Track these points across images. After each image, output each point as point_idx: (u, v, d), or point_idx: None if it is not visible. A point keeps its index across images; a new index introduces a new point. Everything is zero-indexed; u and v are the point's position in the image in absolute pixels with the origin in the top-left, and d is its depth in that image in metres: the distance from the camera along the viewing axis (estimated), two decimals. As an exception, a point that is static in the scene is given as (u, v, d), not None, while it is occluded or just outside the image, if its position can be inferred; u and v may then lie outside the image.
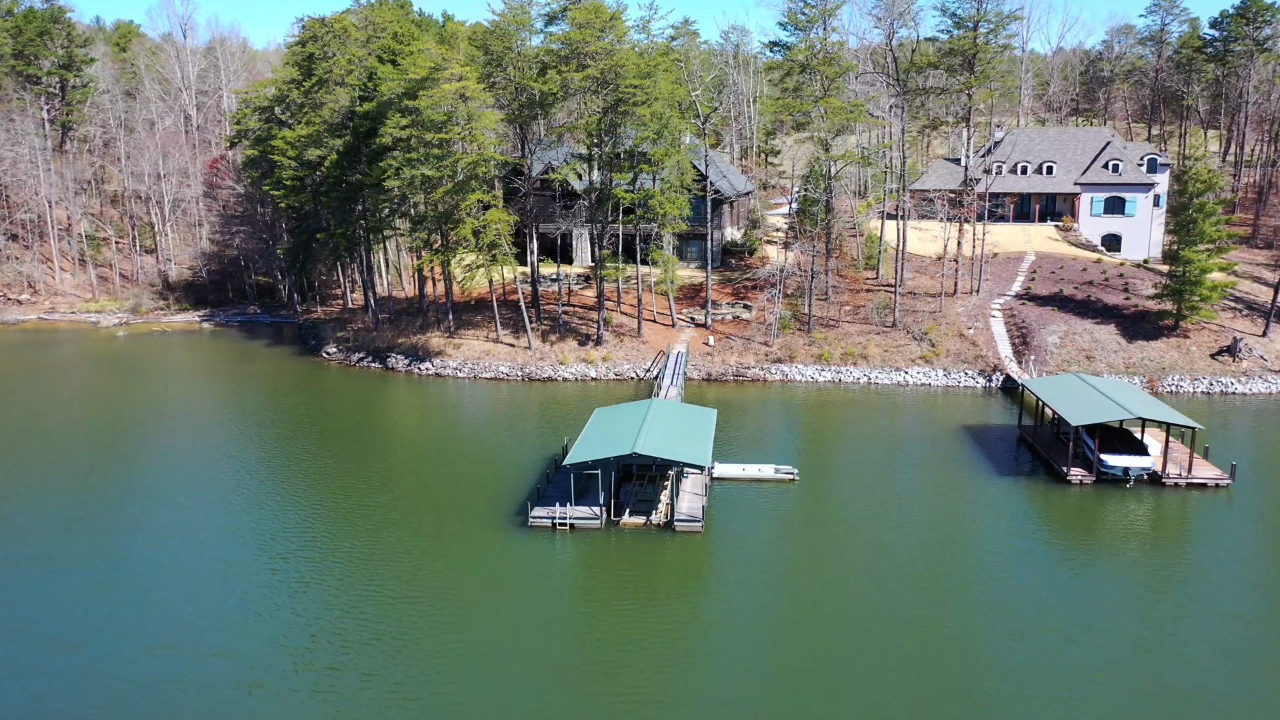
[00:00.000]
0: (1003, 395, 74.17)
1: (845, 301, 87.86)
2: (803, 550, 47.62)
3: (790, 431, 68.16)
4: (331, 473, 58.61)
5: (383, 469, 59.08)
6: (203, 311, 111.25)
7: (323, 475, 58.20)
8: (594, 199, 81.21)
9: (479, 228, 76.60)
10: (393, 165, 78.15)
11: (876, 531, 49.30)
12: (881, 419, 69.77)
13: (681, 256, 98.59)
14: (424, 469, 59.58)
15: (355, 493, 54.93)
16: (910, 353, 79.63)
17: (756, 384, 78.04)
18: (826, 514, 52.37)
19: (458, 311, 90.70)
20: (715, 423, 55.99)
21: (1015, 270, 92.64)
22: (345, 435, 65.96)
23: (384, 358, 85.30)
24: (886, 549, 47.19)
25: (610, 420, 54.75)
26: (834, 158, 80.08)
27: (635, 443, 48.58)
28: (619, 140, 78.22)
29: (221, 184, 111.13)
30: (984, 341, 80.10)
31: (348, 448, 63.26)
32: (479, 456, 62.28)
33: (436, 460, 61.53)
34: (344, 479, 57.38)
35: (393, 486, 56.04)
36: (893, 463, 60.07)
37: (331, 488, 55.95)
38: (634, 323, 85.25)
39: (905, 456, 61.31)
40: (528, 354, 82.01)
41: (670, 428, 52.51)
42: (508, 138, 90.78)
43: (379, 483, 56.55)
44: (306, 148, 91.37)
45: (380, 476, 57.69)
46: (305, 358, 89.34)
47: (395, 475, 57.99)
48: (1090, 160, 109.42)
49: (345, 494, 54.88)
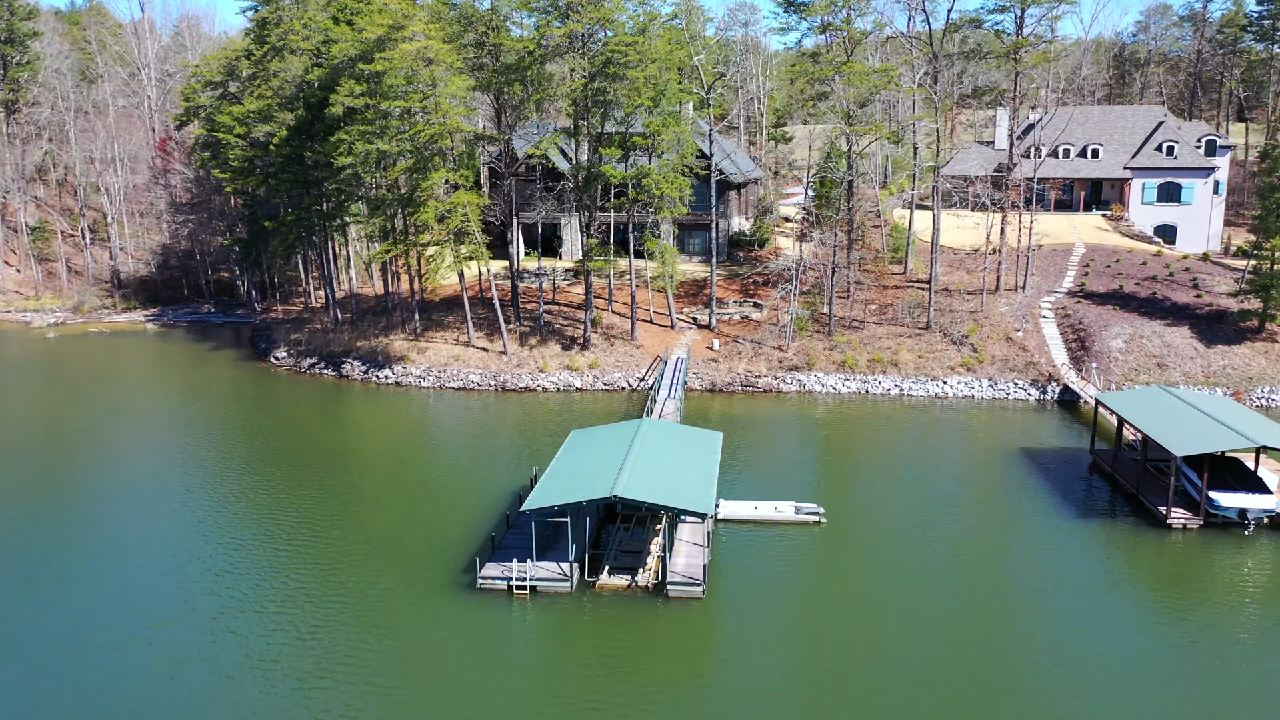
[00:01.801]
0: (1060, 410, 62.67)
1: (870, 299, 76.40)
2: (834, 621, 36.17)
3: (812, 457, 56.70)
4: (245, 512, 47.33)
5: (308, 507, 47.77)
6: (152, 310, 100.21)
7: (234, 515, 46.92)
8: (580, 180, 69.86)
9: (444, 212, 65.27)
10: (346, 140, 66.86)
11: (929, 594, 37.87)
12: (920, 439, 58.30)
13: (683, 249, 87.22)
14: (358, 508, 48.22)
15: (267, 538, 43.63)
16: (949, 359, 68.15)
17: (769, 396, 66.63)
18: (864, 569, 40.90)
19: (427, 311, 79.46)
20: (721, 450, 44.61)
21: (1064, 264, 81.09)
22: (272, 463, 54.66)
23: (338, 364, 74.03)
24: (943, 618, 35.76)
25: (588, 447, 43.37)
26: (858, 131, 68.58)
27: (616, 481, 37.26)
28: (609, 110, 66.91)
29: (170, 168, 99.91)
30: (1035, 346, 68.58)
31: (271, 480, 51.96)
32: (431, 489, 50.93)
33: (376, 495, 50.19)
34: (259, 519, 46.11)
35: (319, 532, 44.71)
36: (940, 497, 48.61)
37: (240, 531, 44.67)
38: (627, 324, 73.93)
39: (954, 489, 49.86)
40: (503, 360, 70.70)
41: (664, 458, 41.15)
42: (482, 110, 79.47)
43: (302, 525, 45.27)
44: (256, 124, 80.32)
45: (305, 516, 46.39)
46: (250, 363, 78.10)
47: (323, 516, 46.65)
48: (1141, 142, 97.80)
49: (255, 539, 43.59)
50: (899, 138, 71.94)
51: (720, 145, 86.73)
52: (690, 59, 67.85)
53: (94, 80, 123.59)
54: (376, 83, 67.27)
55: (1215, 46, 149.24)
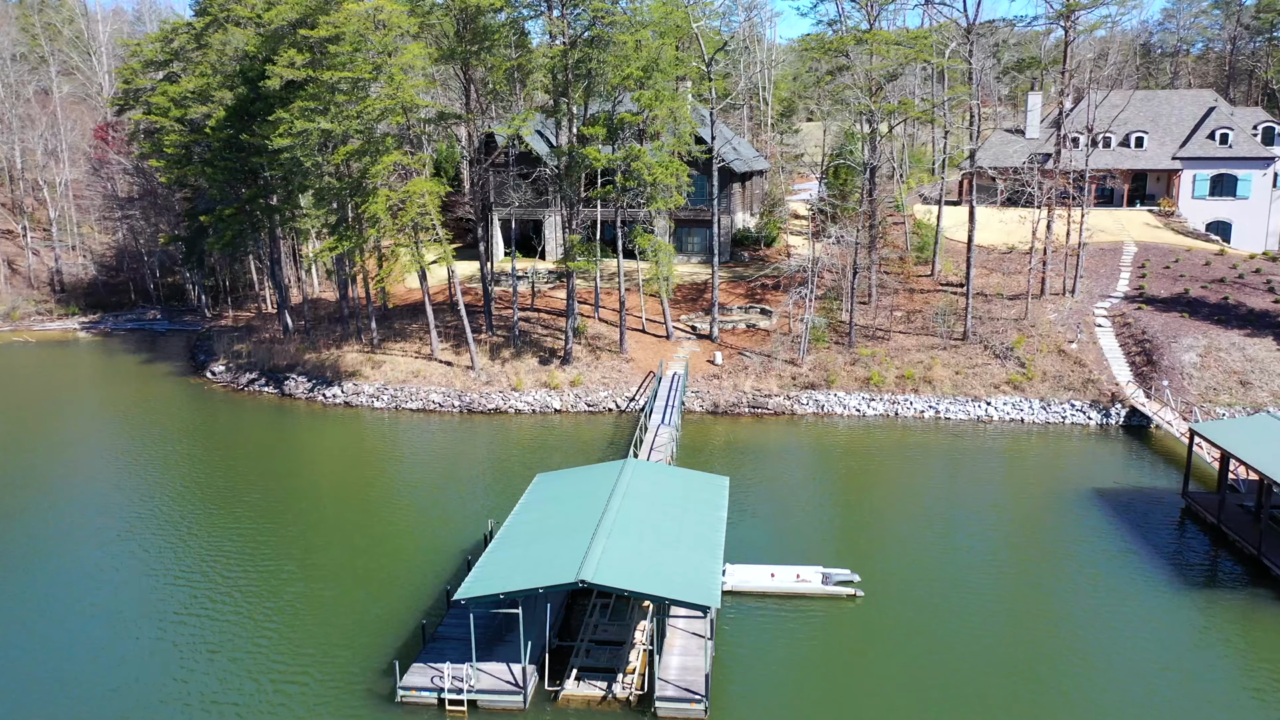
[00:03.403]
0: (1128, 437, 52.69)
1: (896, 305, 66.35)
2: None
3: (837, 499, 46.62)
4: (127, 580, 37.30)
5: (211, 569, 37.74)
6: (91, 317, 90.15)
7: (112, 583, 36.87)
8: (561, 165, 59.89)
9: (397, 203, 55.24)
10: (285, 119, 56.86)
11: (999, 695, 27.83)
12: (966, 475, 48.27)
13: (680, 247, 77.27)
14: (271, 577, 38.16)
15: (148, 619, 33.62)
16: (992, 375, 58.13)
17: (780, 419, 56.62)
18: (917, 663, 30.79)
19: (387, 319, 69.47)
20: (727, 501, 34.53)
21: (1115, 264, 71.07)
22: (175, 508, 44.62)
23: (281, 380, 63.95)
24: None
25: (555, 502, 33.28)
26: (886, 109, 58.55)
27: (587, 557, 27.25)
28: (593, 84, 56.97)
29: (107, 158, 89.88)
30: (1093, 360, 58.55)
31: (166, 533, 41.91)
32: (365, 548, 40.80)
33: (298, 556, 40.02)
34: (143, 587, 36.09)
35: (210, 607, 34.70)
36: (1001, 557, 38.58)
37: (117, 602, 34.64)
38: (615, 333, 63.92)
39: (1016, 543, 39.80)
40: (470, 376, 60.63)
41: (652, 519, 31.09)
42: (452, 87, 69.48)
43: (196, 599, 35.25)
44: (193, 105, 70.38)
45: (205, 585, 36.37)
46: (183, 379, 68.00)
47: (228, 586, 36.61)
48: (1190, 130, 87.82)
49: (133, 617, 33.58)
50: (932, 116, 61.86)
51: (722, 132, 76.87)
52: (689, 23, 57.84)
53: (36, 66, 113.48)
54: (322, 52, 57.39)
55: (1251, 34, 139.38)
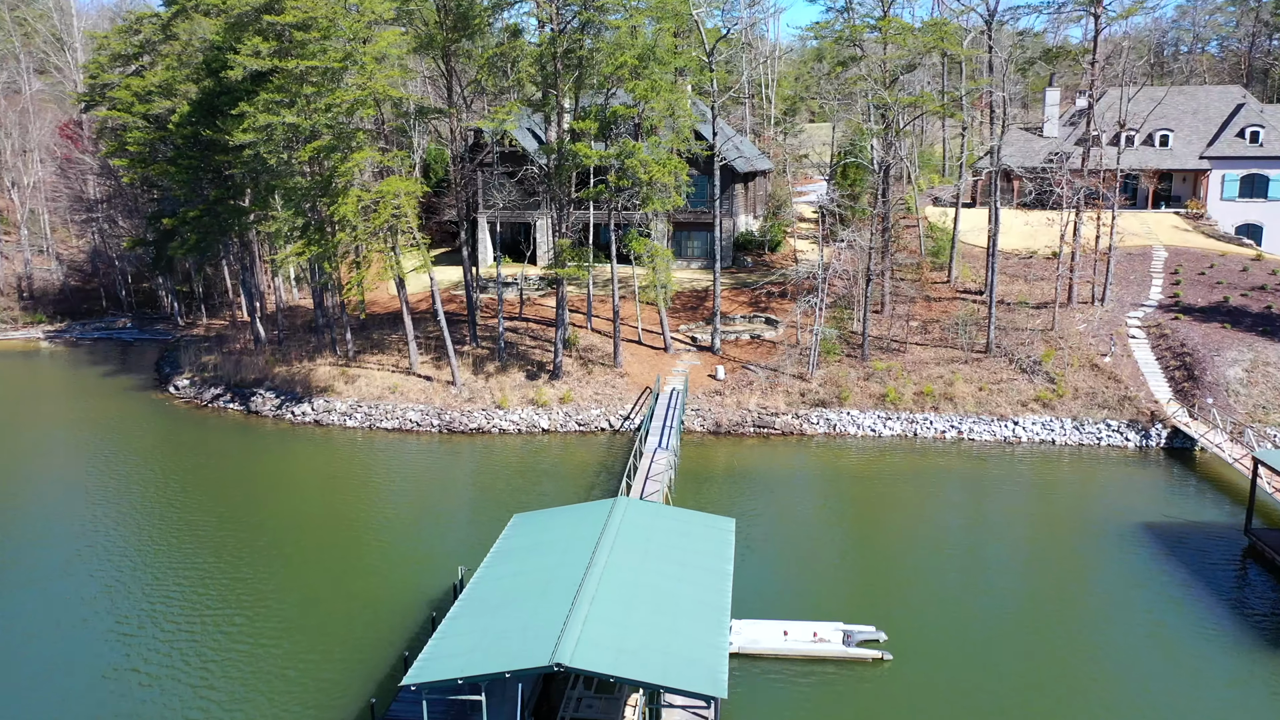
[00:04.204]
0: (1170, 461, 47.93)
1: (912, 315, 61.57)
2: None
3: (854, 536, 41.79)
4: (54, 633, 32.49)
5: (148, 621, 32.96)
6: (58, 325, 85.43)
7: (44, 634, 32.07)
8: (551, 163, 55.18)
9: (368, 204, 50.45)
10: (249, 112, 52.10)
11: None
12: (995, 505, 43.47)
13: (679, 252, 72.55)
14: (216, 630, 33.37)
15: (75, 676, 28.81)
16: (1018, 392, 53.36)
17: (789, 440, 51.85)
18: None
19: (365, 329, 64.72)
20: (733, 550, 29.69)
21: (1145, 270, 66.30)
22: (117, 544, 39.83)
23: (247, 396, 59.18)
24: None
25: (531, 554, 28.42)
26: (903, 102, 53.84)
27: (564, 633, 22.44)
28: (584, 74, 52.24)
29: (72, 157, 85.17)
30: (1128, 376, 53.77)
31: (108, 572, 37.14)
32: (319, 602, 35.97)
33: (248, 607, 35.26)
34: (74, 646, 31.29)
35: (145, 667, 29.91)
36: (1048, 604, 33.77)
37: (50, 665, 29.85)
38: (609, 345, 59.18)
39: (1063, 587, 34.99)
40: (450, 393, 55.87)
41: (646, 577, 26.25)
42: (435, 81, 64.76)
43: (134, 649, 30.45)
44: (157, 99, 65.76)
45: (138, 637, 31.58)
46: (145, 393, 63.23)
47: (164, 637, 31.84)
48: (1218, 128, 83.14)
49: (62, 678, 28.77)
50: (951, 111, 57.13)
51: (723, 129, 72.21)
52: (688, 6, 53.08)
53: (2, 57, 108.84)
54: (290, 40, 52.71)
55: (1270, 30, 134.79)
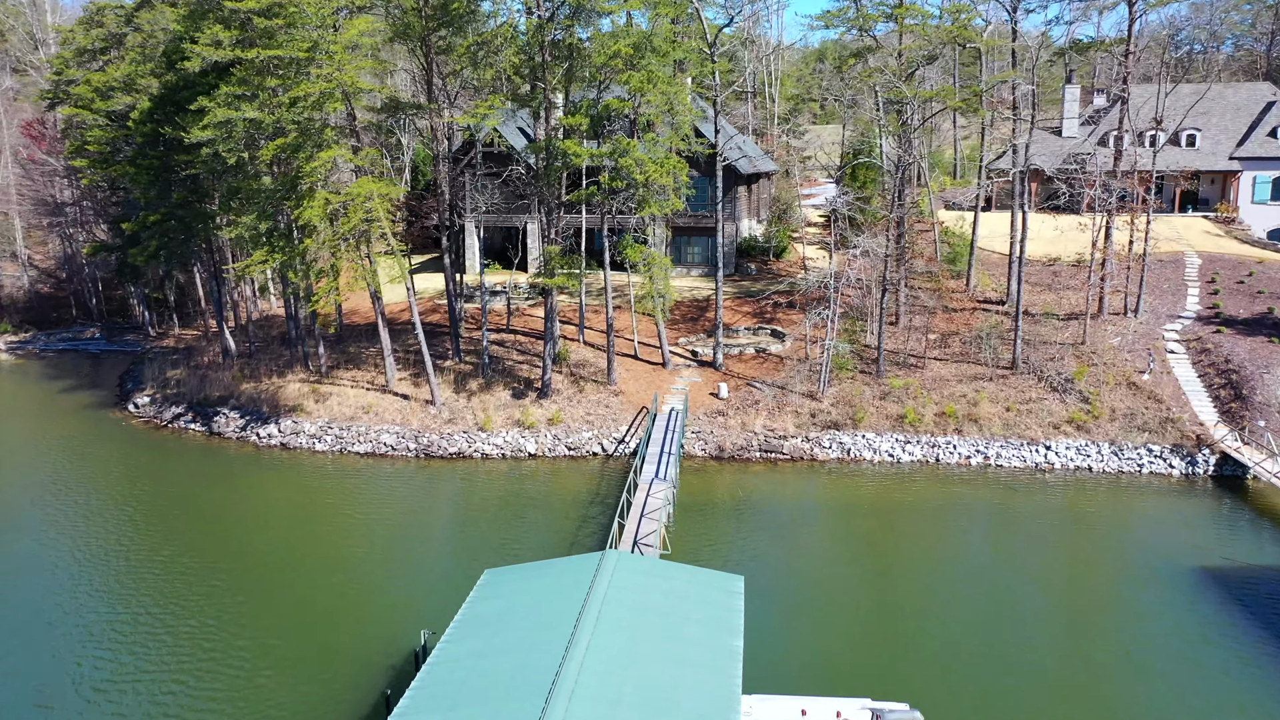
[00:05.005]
0: (1220, 491, 43.37)
1: (929, 327, 57.01)
2: None
3: (877, 590, 37.12)
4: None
5: (73, 691, 28.38)
6: (23, 335, 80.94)
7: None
8: (539, 162, 50.68)
9: (337, 207, 45.89)
10: (210, 107, 47.58)
11: None
12: (1032, 544, 38.87)
13: (679, 259, 68.07)
14: (151, 704, 28.78)
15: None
16: (1049, 413, 48.77)
17: (798, 466, 47.30)
18: None
19: (342, 341, 60.23)
20: (742, 616, 25.08)
21: (1179, 279, 61.75)
22: (50, 590, 35.25)
23: (210, 415, 54.64)
24: None
25: (502, 623, 23.80)
26: (923, 97, 49.31)
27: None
28: (575, 64, 47.75)
29: (35, 158, 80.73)
30: (1170, 395, 49.21)
31: (34, 627, 32.55)
32: (263, 670, 31.41)
33: (187, 674, 30.64)
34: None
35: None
36: (1105, 668, 29.21)
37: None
38: (603, 360, 54.65)
39: (1120, 645, 30.41)
40: (429, 413, 51.33)
41: (636, 659, 21.63)
42: (413, 74, 60.29)
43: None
44: (119, 94, 61.38)
45: (57, 717, 27.02)
46: (102, 412, 58.70)
47: (89, 711, 27.26)
48: (1248, 126, 78.70)
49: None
50: (975, 106, 52.60)
51: (725, 128, 67.77)
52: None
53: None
54: (253, 28, 48.23)
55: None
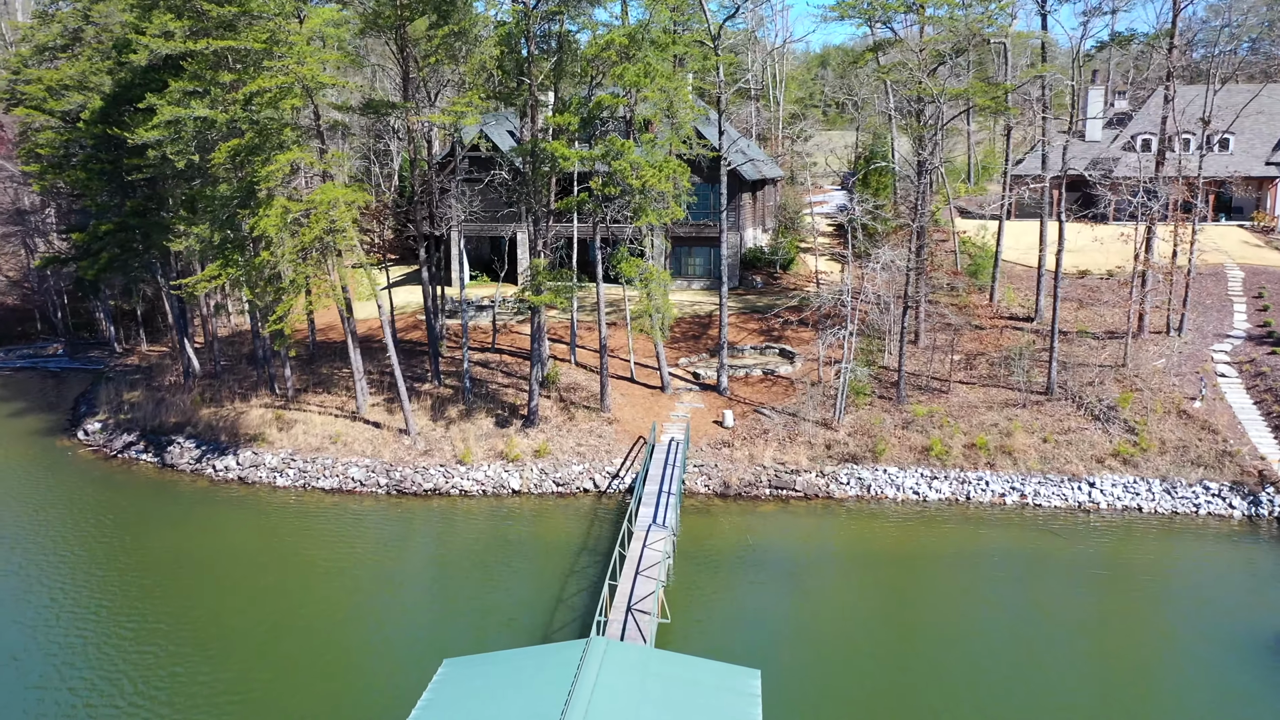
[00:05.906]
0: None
1: (955, 346, 52.10)
2: None
3: (908, 664, 32.19)
4: None
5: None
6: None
7: None
8: (526, 164, 45.87)
9: (298, 216, 40.98)
10: (158, 104, 42.74)
11: None
12: (1083, 602, 33.88)
13: (679, 270, 63.31)
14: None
15: None
16: (1092, 445, 43.86)
17: (813, 505, 42.33)
18: None
19: (313, 360, 55.39)
20: None
21: (1223, 293, 56.96)
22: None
23: (165, 444, 49.68)
24: None
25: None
26: (948, 94, 44.52)
27: None
28: (564, 58, 42.97)
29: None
30: (1225, 424, 44.30)
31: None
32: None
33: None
34: None
35: None
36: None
37: None
38: (595, 383, 49.73)
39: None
40: (403, 443, 46.41)
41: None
42: (390, 72, 55.50)
43: None
44: (72, 93, 56.60)
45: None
46: (49, 439, 53.76)
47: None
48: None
49: None
50: (1004, 105, 47.78)
51: (728, 131, 63.06)
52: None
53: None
54: (206, 18, 43.43)
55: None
